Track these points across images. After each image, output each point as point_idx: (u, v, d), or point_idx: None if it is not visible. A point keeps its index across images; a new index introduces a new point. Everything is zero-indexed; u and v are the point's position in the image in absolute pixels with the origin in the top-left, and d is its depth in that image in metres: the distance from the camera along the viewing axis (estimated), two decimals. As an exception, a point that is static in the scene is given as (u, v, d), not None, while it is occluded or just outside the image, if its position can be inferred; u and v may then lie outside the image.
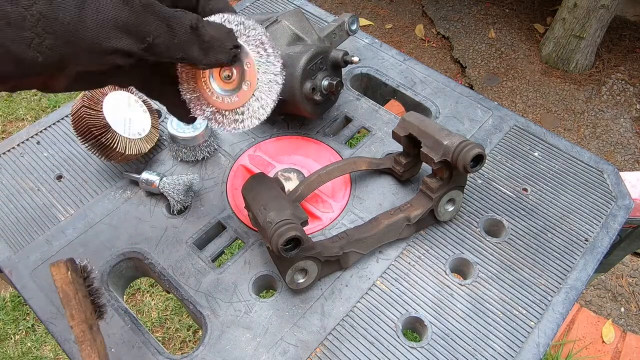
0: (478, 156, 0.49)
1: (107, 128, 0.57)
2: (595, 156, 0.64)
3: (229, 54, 0.39)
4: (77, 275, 0.46)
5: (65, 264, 0.45)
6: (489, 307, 0.51)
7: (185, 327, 1.42)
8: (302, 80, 0.59)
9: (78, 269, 0.47)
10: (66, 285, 0.44)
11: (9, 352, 1.39)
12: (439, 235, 0.57)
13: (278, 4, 0.85)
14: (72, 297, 0.44)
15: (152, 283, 1.50)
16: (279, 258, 0.48)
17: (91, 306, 0.46)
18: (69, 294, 0.44)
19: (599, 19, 1.89)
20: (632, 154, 1.80)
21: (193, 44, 0.37)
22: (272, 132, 0.68)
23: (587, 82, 2.03)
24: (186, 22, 0.36)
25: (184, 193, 0.58)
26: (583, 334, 1.35)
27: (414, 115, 0.56)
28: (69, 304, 0.44)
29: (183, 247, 0.57)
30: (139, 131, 0.61)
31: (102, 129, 0.56)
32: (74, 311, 0.44)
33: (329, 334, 0.50)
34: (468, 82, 2.07)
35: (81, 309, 0.44)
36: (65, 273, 0.44)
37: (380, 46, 0.78)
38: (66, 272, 0.44)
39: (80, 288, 0.46)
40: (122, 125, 0.59)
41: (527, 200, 0.60)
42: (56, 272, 0.44)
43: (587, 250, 0.55)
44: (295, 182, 0.62)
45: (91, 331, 0.44)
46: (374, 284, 0.53)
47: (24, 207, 0.60)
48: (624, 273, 1.51)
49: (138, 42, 0.34)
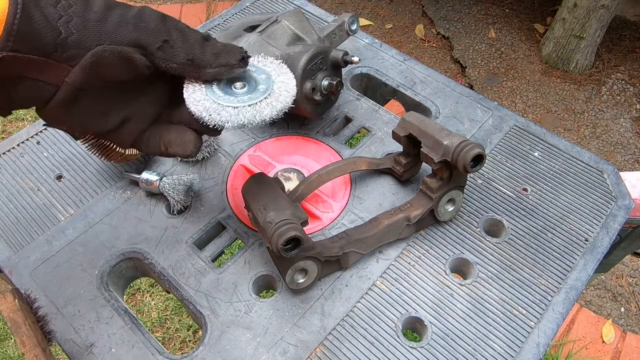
0: (478, 156, 0.49)
1: None
2: (595, 156, 0.64)
3: (239, 56, 0.41)
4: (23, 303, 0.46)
5: (12, 292, 0.45)
6: (489, 307, 0.51)
7: (185, 327, 1.42)
8: (302, 80, 0.59)
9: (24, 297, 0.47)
10: (14, 312, 0.44)
11: (9, 352, 1.39)
12: (439, 235, 0.57)
13: (278, 4, 0.85)
14: (22, 324, 0.44)
15: (152, 283, 1.50)
16: (279, 258, 0.48)
17: (40, 332, 0.46)
18: (17, 321, 0.44)
19: (599, 19, 1.89)
20: (632, 154, 1.80)
21: (205, 49, 0.40)
22: (272, 132, 0.68)
23: (587, 82, 2.03)
24: (198, 34, 0.40)
25: (184, 193, 0.58)
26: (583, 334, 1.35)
27: (414, 115, 0.56)
28: (19, 330, 0.44)
29: (183, 247, 0.57)
30: None
31: None
32: (24, 337, 0.43)
33: (329, 334, 0.50)
34: (468, 82, 2.07)
35: (32, 334, 0.44)
36: (12, 301, 0.44)
37: (380, 46, 0.78)
38: (13, 300, 0.44)
39: (29, 315, 0.46)
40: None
41: (527, 200, 0.60)
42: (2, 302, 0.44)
43: (587, 250, 0.55)
44: (295, 182, 0.62)
45: (45, 354, 0.44)
46: (374, 284, 0.53)
47: (24, 207, 0.60)
48: (624, 273, 1.51)
49: (155, 42, 0.38)
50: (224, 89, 0.43)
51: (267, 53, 0.59)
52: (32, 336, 0.44)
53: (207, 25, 0.82)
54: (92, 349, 0.49)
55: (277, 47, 0.60)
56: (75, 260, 0.56)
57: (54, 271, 0.55)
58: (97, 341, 0.50)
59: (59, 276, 0.54)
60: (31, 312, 0.47)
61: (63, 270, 0.55)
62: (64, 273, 0.54)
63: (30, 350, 0.43)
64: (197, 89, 0.43)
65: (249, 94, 0.44)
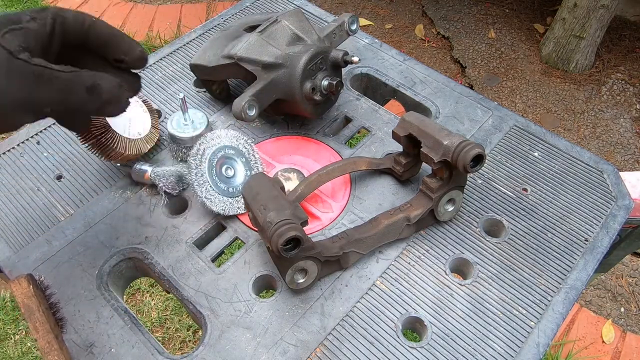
0: (478, 156, 0.49)
1: (107, 128, 0.57)
2: (595, 156, 0.64)
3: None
4: (37, 289, 0.46)
5: (26, 278, 0.45)
6: (489, 307, 0.51)
7: (185, 327, 1.42)
8: (302, 80, 0.59)
9: (38, 284, 0.47)
10: (27, 298, 0.44)
11: (9, 352, 1.39)
12: (439, 235, 0.57)
13: (278, 4, 0.85)
14: (36, 310, 0.44)
15: (152, 283, 1.50)
16: (279, 258, 0.48)
17: (53, 318, 0.46)
18: (31, 307, 0.44)
19: (599, 19, 1.89)
20: (632, 154, 1.80)
21: (92, 104, 0.40)
22: (272, 132, 0.68)
23: (587, 82, 2.03)
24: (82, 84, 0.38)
25: (175, 182, 0.59)
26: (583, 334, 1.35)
27: (414, 115, 0.56)
28: (32, 316, 0.43)
29: (183, 247, 0.57)
30: (139, 131, 0.61)
31: (102, 129, 0.56)
32: (37, 323, 0.43)
33: (329, 334, 0.50)
34: (468, 82, 2.07)
35: (45, 320, 0.44)
36: (26, 287, 0.44)
37: (380, 46, 0.78)
38: (27, 287, 0.44)
39: (42, 301, 0.45)
40: (122, 125, 0.59)
41: (527, 200, 0.60)
42: (17, 288, 0.44)
43: (587, 250, 0.55)
44: (295, 182, 0.62)
45: (57, 341, 0.44)
46: (374, 284, 0.53)
47: (24, 207, 0.60)
48: (624, 273, 1.51)
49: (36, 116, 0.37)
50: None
51: (267, 53, 0.59)
52: (45, 322, 0.43)
53: (207, 25, 0.82)
54: (92, 349, 0.49)
55: (277, 47, 0.60)
56: (75, 260, 0.56)
57: (54, 271, 0.55)
58: (96, 341, 0.50)
59: (59, 276, 0.54)
60: (44, 298, 0.46)
61: (63, 270, 0.55)
62: (64, 273, 0.54)
63: (43, 336, 0.43)
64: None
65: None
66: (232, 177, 0.59)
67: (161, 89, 0.73)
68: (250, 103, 0.57)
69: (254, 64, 0.60)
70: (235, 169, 0.59)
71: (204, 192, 0.56)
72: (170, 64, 0.77)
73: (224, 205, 0.57)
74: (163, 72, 0.75)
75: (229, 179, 0.58)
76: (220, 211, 0.57)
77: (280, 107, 0.63)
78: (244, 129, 0.68)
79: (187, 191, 0.61)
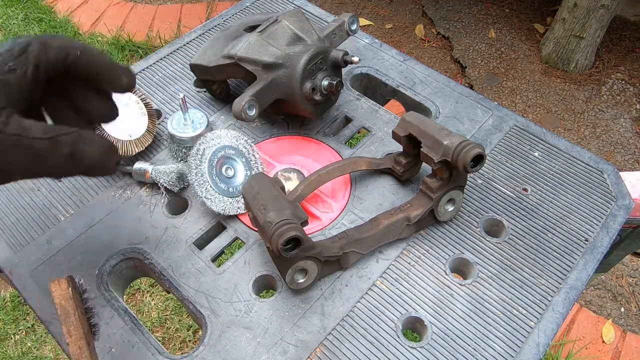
0: (478, 156, 0.49)
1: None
2: (595, 156, 0.64)
3: (111, 172, 0.40)
4: (75, 292, 0.45)
5: (66, 279, 0.44)
6: (489, 307, 0.51)
7: (185, 327, 1.42)
8: (302, 80, 0.59)
9: (77, 286, 0.46)
10: (65, 301, 0.43)
11: (9, 352, 1.39)
12: (439, 235, 0.57)
13: (278, 4, 0.85)
14: (72, 314, 0.43)
15: (152, 283, 1.50)
16: (279, 258, 0.48)
17: (87, 324, 0.45)
18: (68, 310, 0.43)
19: (599, 19, 1.89)
20: (632, 154, 1.80)
21: (71, 170, 0.37)
22: (272, 132, 0.68)
23: (587, 82, 2.03)
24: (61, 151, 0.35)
25: (176, 180, 0.59)
26: (583, 334, 1.35)
27: (414, 115, 0.56)
28: (68, 320, 0.43)
29: (183, 247, 0.57)
30: (130, 133, 0.60)
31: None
32: (72, 327, 0.42)
33: (329, 334, 0.50)
34: (468, 82, 2.07)
35: (79, 325, 0.43)
36: (66, 289, 0.44)
37: (380, 46, 0.78)
38: (67, 288, 0.44)
39: (79, 305, 0.45)
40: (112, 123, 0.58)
41: (527, 200, 0.60)
42: (56, 288, 0.43)
43: (587, 250, 0.55)
44: (295, 182, 0.62)
45: (89, 347, 0.43)
46: (374, 284, 0.53)
47: (24, 207, 0.60)
48: (624, 273, 1.51)
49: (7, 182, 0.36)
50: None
51: (267, 53, 0.59)
52: (79, 327, 0.43)
53: (207, 25, 0.82)
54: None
55: (277, 47, 0.60)
56: (75, 260, 0.56)
57: (54, 271, 0.55)
58: (97, 341, 0.50)
59: (59, 276, 0.54)
60: (81, 302, 0.46)
61: (63, 270, 0.55)
62: (64, 273, 0.54)
63: (76, 341, 0.42)
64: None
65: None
66: (232, 177, 0.59)
67: (161, 89, 0.73)
68: (250, 103, 0.57)
69: (254, 64, 0.60)
70: (235, 169, 0.59)
71: (204, 192, 0.56)
72: (170, 64, 0.77)
73: (224, 205, 0.57)
74: (163, 72, 0.75)
75: (229, 179, 0.58)
76: (220, 211, 0.57)
77: (280, 107, 0.63)
78: (244, 128, 0.68)
79: (187, 191, 0.61)
